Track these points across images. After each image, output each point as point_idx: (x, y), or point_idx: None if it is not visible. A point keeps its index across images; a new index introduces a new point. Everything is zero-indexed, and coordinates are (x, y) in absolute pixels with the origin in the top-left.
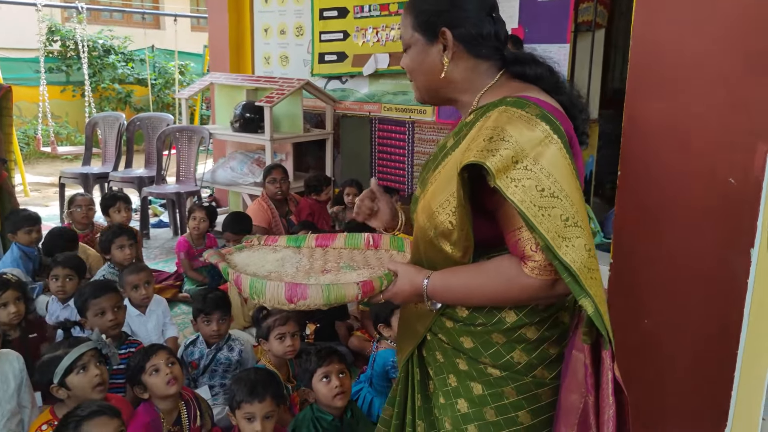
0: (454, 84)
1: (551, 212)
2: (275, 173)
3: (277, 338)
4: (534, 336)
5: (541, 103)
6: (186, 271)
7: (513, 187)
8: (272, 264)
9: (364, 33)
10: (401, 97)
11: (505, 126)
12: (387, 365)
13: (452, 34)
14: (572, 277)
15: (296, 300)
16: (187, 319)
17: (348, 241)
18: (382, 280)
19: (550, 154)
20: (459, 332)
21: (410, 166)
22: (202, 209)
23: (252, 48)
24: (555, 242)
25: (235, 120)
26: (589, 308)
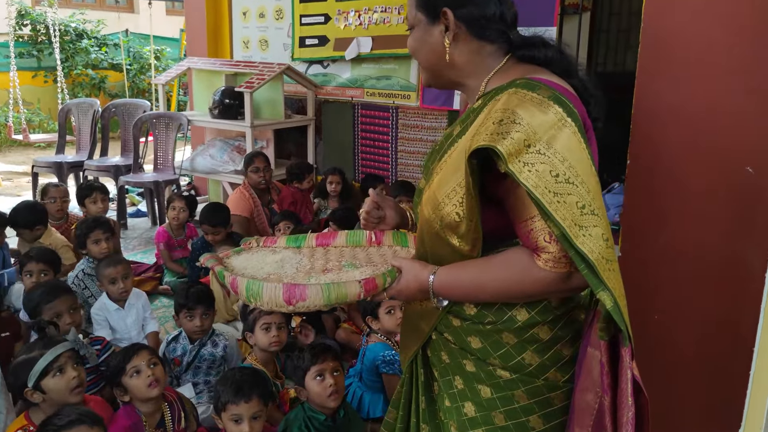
0: (458, 67)
1: (567, 199)
2: (257, 162)
3: (263, 328)
4: (547, 336)
5: (552, 84)
6: (166, 263)
7: (526, 172)
8: (271, 266)
9: (346, 16)
10: (384, 82)
11: (516, 108)
12: (377, 360)
13: (454, 14)
14: (589, 269)
15: (295, 301)
16: (168, 312)
17: (350, 239)
18: (385, 276)
19: (564, 138)
20: (466, 331)
21: (394, 153)
22: (182, 199)
23: (230, 32)
24: (571, 231)
25: (214, 106)
26: (607, 302)
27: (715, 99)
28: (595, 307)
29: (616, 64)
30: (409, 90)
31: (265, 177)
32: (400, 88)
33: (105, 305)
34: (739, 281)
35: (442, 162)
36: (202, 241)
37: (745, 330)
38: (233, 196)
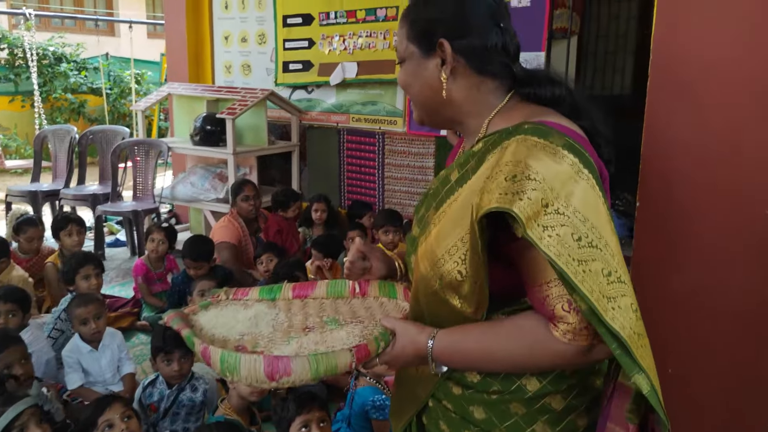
0: (456, 104)
1: (592, 266)
2: (247, 190)
3: None
4: (560, 406)
5: (564, 129)
6: (144, 297)
7: (547, 238)
8: (244, 324)
9: (330, 41)
10: (370, 108)
11: (528, 160)
12: (366, 405)
13: (452, 45)
14: (623, 349)
15: (278, 376)
16: (147, 349)
17: (330, 290)
18: (378, 341)
19: (582, 193)
20: (469, 400)
21: (381, 179)
22: (161, 230)
23: (212, 56)
24: (600, 304)
25: (196, 133)
26: (644, 386)
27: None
28: (616, 378)
29: (603, 87)
30: (395, 115)
31: (255, 205)
32: (386, 114)
33: (77, 347)
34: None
35: (440, 212)
36: (184, 276)
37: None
38: (221, 225)
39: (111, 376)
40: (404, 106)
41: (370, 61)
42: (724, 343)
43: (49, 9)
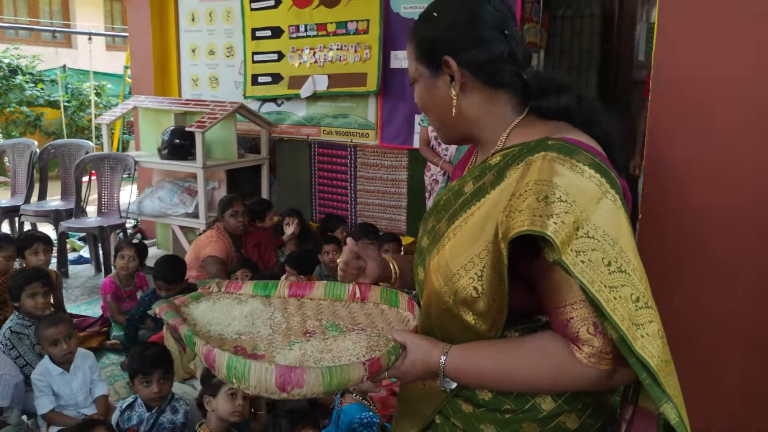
0: (470, 120)
1: (621, 293)
2: (237, 206)
3: (229, 394)
4: (575, 425)
5: (588, 148)
6: (114, 316)
7: (580, 264)
8: (240, 322)
9: (300, 54)
10: (341, 120)
11: (555, 179)
12: (354, 422)
13: (456, 61)
14: (652, 378)
15: (290, 389)
16: (118, 370)
17: (328, 291)
18: (390, 355)
19: (610, 215)
20: (479, 418)
21: (353, 192)
22: (131, 246)
23: (178, 69)
24: (630, 333)
25: (164, 146)
26: (672, 417)
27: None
28: (635, 402)
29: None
30: (367, 128)
31: (243, 222)
32: (358, 126)
33: (47, 369)
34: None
35: (455, 226)
36: (152, 295)
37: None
38: (209, 239)
39: (83, 399)
40: (376, 118)
41: (341, 74)
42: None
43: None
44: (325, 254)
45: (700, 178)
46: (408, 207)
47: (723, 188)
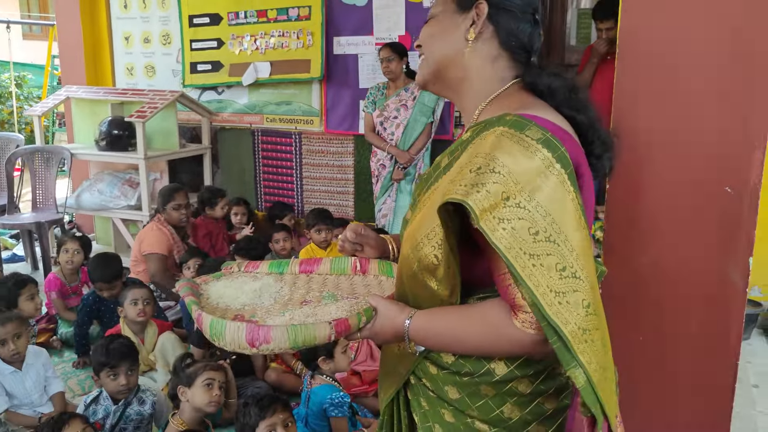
0: (466, 70)
1: (544, 261)
2: (179, 198)
3: (205, 384)
4: (527, 390)
5: (545, 123)
6: (59, 313)
7: (500, 230)
8: (248, 295)
9: (240, 41)
10: (285, 107)
11: (498, 154)
12: (324, 403)
13: (489, 11)
14: (561, 342)
15: (258, 344)
16: (68, 367)
17: (334, 266)
18: (360, 316)
19: (550, 188)
20: (444, 380)
21: (299, 179)
22: (75, 240)
23: (111, 58)
24: (545, 299)
25: (101, 138)
26: (578, 381)
27: (693, 122)
28: None
29: None
30: (312, 115)
31: (187, 214)
32: (302, 113)
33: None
34: (723, 299)
35: (425, 198)
36: (94, 297)
37: (732, 345)
38: (148, 233)
39: (38, 397)
40: (321, 105)
41: (284, 60)
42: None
43: None
44: (276, 242)
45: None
46: (355, 192)
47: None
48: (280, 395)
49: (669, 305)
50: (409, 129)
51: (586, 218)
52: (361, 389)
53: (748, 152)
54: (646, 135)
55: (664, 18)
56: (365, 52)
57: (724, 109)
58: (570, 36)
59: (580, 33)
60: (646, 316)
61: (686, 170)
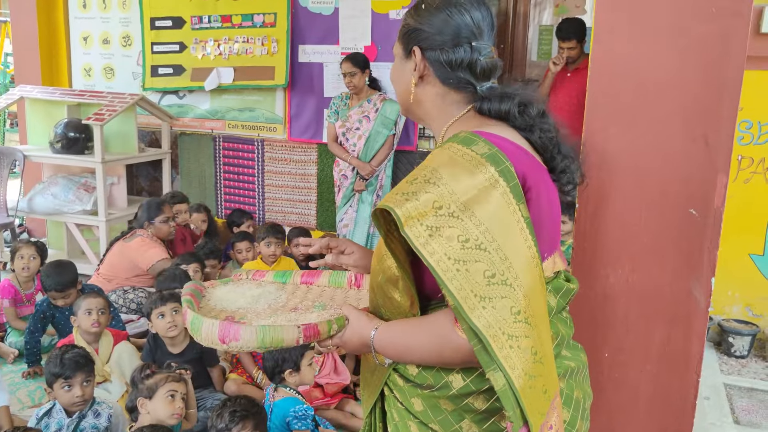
0: (423, 107)
1: (471, 267)
2: (167, 211)
3: (168, 396)
4: (482, 406)
5: (494, 139)
6: (10, 321)
7: (426, 236)
8: (247, 300)
9: (204, 45)
10: (248, 114)
11: (440, 167)
12: (288, 416)
13: (423, 54)
14: (481, 345)
15: (228, 341)
16: (17, 377)
17: (332, 279)
18: (330, 324)
19: (489, 203)
20: (410, 392)
21: (261, 187)
22: (31, 245)
23: (68, 58)
24: (467, 302)
25: (57, 140)
26: (497, 383)
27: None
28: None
29: None
30: (275, 122)
31: (174, 227)
32: (265, 120)
33: None
34: (686, 317)
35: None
36: (48, 304)
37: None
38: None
39: None
40: (284, 112)
41: (248, 66)
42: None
43: None
44: (239, 252)
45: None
46: (318, 201)
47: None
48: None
49: (634, 322)
50: (371, 141)
51: (532, 229)
52: (323, 402)
53: (712, 176)
54: (614, 156)
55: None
56: (330, 61)
57: (688, 133)
58: (531, 51)
59: (542, 49)
60: (613, 332)
61: (653, 192)
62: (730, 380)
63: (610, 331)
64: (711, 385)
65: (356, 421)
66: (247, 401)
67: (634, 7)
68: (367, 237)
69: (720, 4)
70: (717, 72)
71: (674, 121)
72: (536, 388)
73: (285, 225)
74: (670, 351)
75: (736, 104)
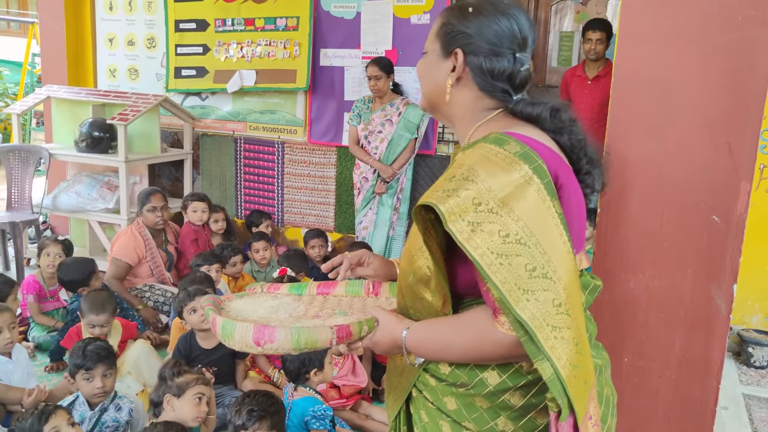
0: (453, 108)
1: (513, 261)
2: (154, 200)
3: (195, 398)
4: (519, 403)
5: (525, 139)
6: (34, 316)
7: (468, 231)
8: (266, 310)
9: (227, 48)
10: (269, 116)
11: (476, 165)
12: (306, 415)
13: (465, 58)
14: (528, 336)
15: (263, 343)
16: (38, 372)
17: (348, 289)
18: (361, 325)
19: (525, 197)
20: (442, 392)
21: (280, 189)
22: (58, 243)
23: (94, 59)
24: (512, 295)
25: (82, 139)
26: (545, 372)
27: (683, 152)
28: None
29: None
30: (295, 125)
31: (163, 216)
32: (286, 123)
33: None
34: (707, 324)
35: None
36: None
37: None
38: (121, 237)
39: None
40: (305, 115)
41: (270, 69)
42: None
43: None
44: (256, 252)
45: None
46: (336, 204)
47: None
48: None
49: (654, 328)
50: (393, 144)
51: (566, 225)
52: (339, 403)
53: (735, 183)
54: (637, 162)
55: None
56: (352, 65)
57: (712, 139)
58: (551, 57)
59: (562, 55)
60: (632, 337)
61: (675, 198)
62: (750, 391)
63: (630, 336)
64: (730, 395)
65: (371, 423)
66: (265, 399)
67: (658, 14)
68: (386, 240)
69: (745, 12)
70: (742, 79)
71: (698, 128)
72: (579, 378)
73: (303, 227)
74: (690, 357)
75: (760, 112)
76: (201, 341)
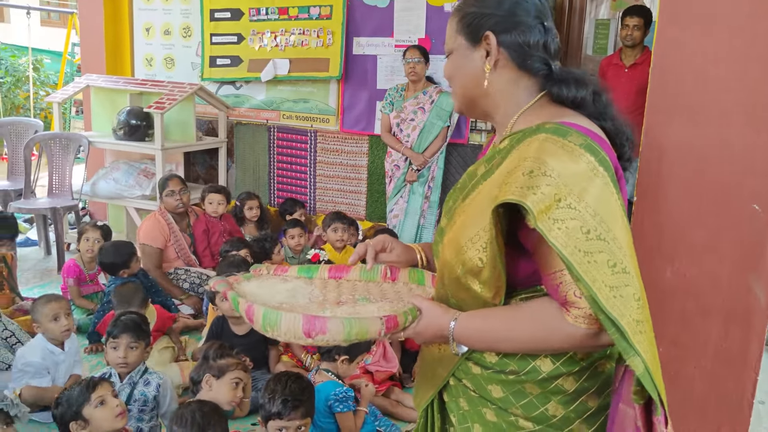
0: (492, 97)
1: (597, 258)
2: (172, 184)
3: (233, 382)
4: (572, 387)
5: (584, 130)
6: (74, 300)
7: (556, 230)
8: (283, 294)
9: (261, 37)
10: (302, 105)
11: (546, 158)
12: (329, 399)
13: (497, 39)
14: (619, 333)
15: (314, 334)
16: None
17: (363, 273)
18: (406, 315)
19: (596, 189)
20: (487, 380)
21: (313, 177)
22: (97, 228)
23: (131, 48)
24: (601, 293)
25: (119, 127)
26: (638, 368)
27: (722, 139)
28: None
29: None
30: (328, 114)
31: (182, 200)
32: (318, 112)
33: (48, 351)
34: (745, 314)
35: (466, 204)
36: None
37: (752, 360)
38: (146, 224)
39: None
40: (338, 104)
41: (303, 58)
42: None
43: None
44: (291, 238)
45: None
46: (368, 192)
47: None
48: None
49: (690, 317)
50: (425, 132)
51: (626, 215)
52: None
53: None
54: (675, 149)
55: (696, 36)
56: (384, 53)
57: (752, 126)
58: (587, 45)
59: (597, 43)
60: (668, 327)
61: (714, 186)
62: None
63: (665, 325)
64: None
65: (402, 409)
66: (297, 386)
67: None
68: (417, 228)
69: None
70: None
71: (737, 114)
72: (659, 371)
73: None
74: (726, 348)
75: None
76: (234, 327)
